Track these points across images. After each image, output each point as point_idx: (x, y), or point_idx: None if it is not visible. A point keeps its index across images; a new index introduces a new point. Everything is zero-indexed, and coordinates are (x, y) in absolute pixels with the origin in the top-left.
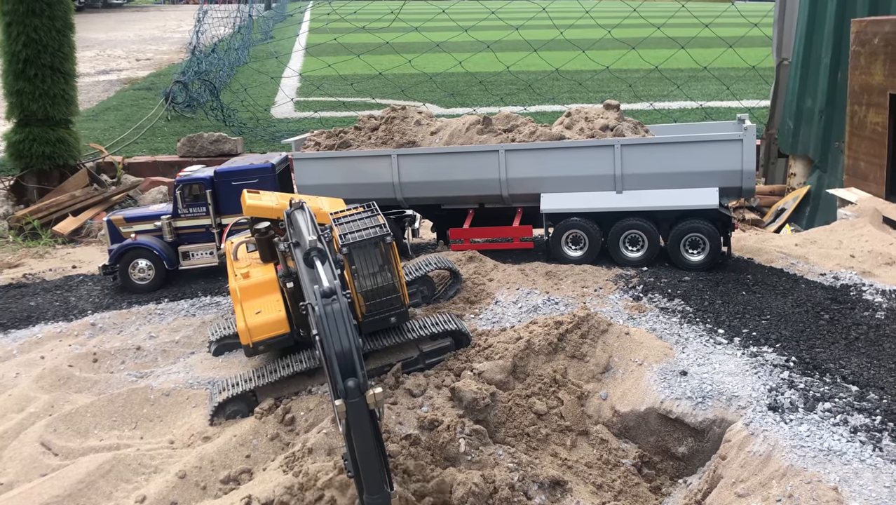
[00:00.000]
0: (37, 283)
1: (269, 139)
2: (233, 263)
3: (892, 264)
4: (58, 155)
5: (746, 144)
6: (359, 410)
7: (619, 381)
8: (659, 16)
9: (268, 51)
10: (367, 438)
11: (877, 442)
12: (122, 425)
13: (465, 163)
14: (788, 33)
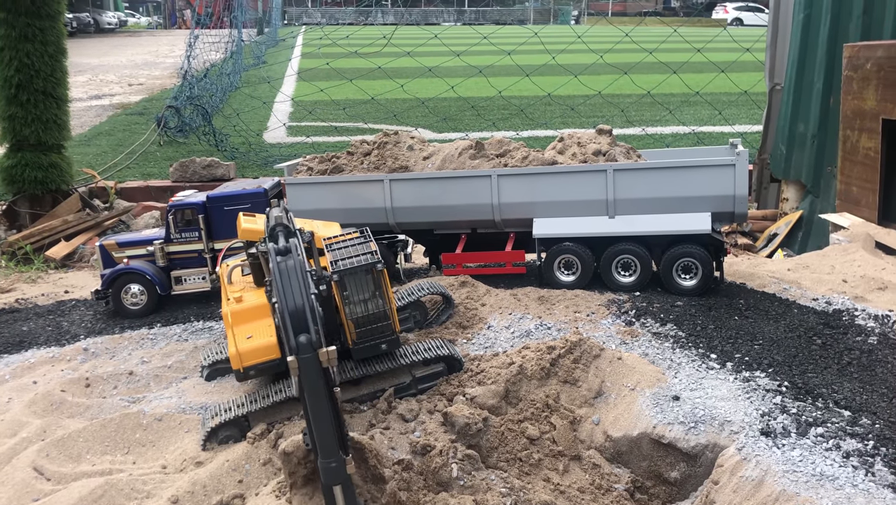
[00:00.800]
0: (29, 307)
1: (262, 164)
2: (226, 286)
3: (885, 289)
4: (50, 180)
5: (739, 169)
6: (310, 365)
7: (611, 406)
8: (651, 41)
9: (260, 75)
10: (320, 397)
11: (869, 467)
12: (115, 450)
13: (457, 188)
14: (781, 58)
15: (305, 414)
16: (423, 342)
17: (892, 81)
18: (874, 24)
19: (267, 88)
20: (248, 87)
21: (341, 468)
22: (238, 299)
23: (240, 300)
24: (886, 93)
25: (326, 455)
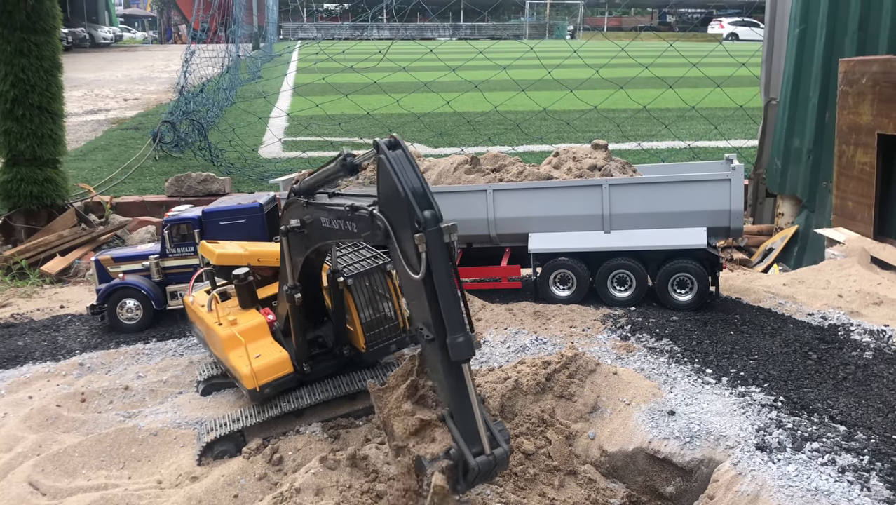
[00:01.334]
0: (24, 322)
1: (258, 179)
2: (205, 313)
3: (880, 304)
4: (46, 195)
5: (734, 184)
6: (437, 238)
7: (607, 420)
8: (647, 55)
9: (255, 90)
10: (448, 269)
11: (865, 482)
12: (110, 465)
13: (452, 202)
14: (776, 73)
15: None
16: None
17: (887, 96)
18: (869, 39)
19: (262, 103)
20: (244, 102)
21: (469, 343)
22: (233, 322)
23: (235, 322)
24: (882, 108)
25: (455, 330)
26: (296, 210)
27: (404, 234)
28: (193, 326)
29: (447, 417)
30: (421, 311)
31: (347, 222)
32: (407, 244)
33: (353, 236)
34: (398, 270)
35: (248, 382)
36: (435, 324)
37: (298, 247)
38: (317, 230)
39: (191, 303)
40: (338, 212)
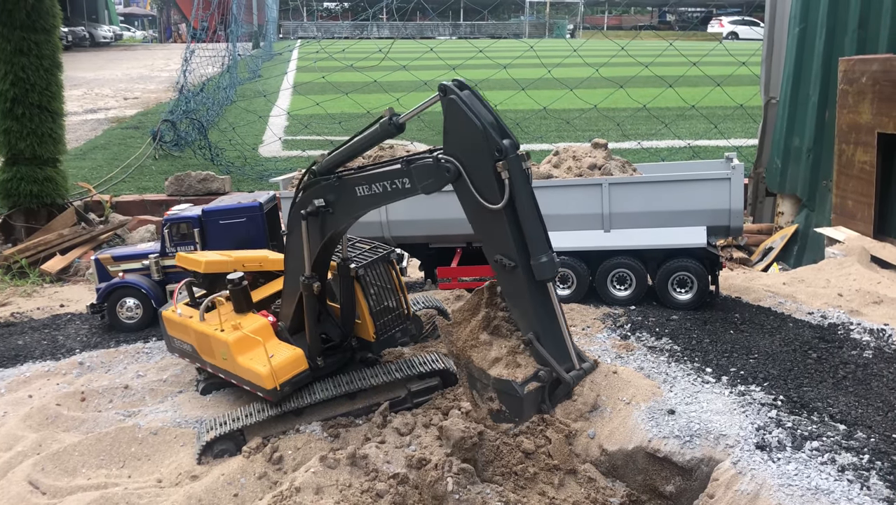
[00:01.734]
0: (24, 321)
1: (257, 178)
2: (218, 317)
3: (880, 303)
4: (45, 194)
5: (734, 183)
6: (518, 164)
7: (606, 419)
8: (647, 54)
9: (255, 89)
10: (530, 193)
11: (864, 481)
12: (110, 464)
13: (452, 201)
14: (776, 72)
15: (511, 221)
16: (419, 356)
17: (887, 95)
18: (869, 38)
19: (262, 102)
20: (244, 101)
21: (553, 262)
22: (236, 326)
23: (239, 326)
24: (882, 107)
25: (539, 251)
26: (320, 190)
27: (482, 167)
28: (174, 340)
29: (533, 340)
30: (500, 241)
31: (398, 180)
32: (484, 177)
33: (403, 194)
34: (471, 208)
35: (268, 381)
36: (517, 250)
37: (318, 231)
38: (347, 206)
39: (177, 315)
40: (386, 173)
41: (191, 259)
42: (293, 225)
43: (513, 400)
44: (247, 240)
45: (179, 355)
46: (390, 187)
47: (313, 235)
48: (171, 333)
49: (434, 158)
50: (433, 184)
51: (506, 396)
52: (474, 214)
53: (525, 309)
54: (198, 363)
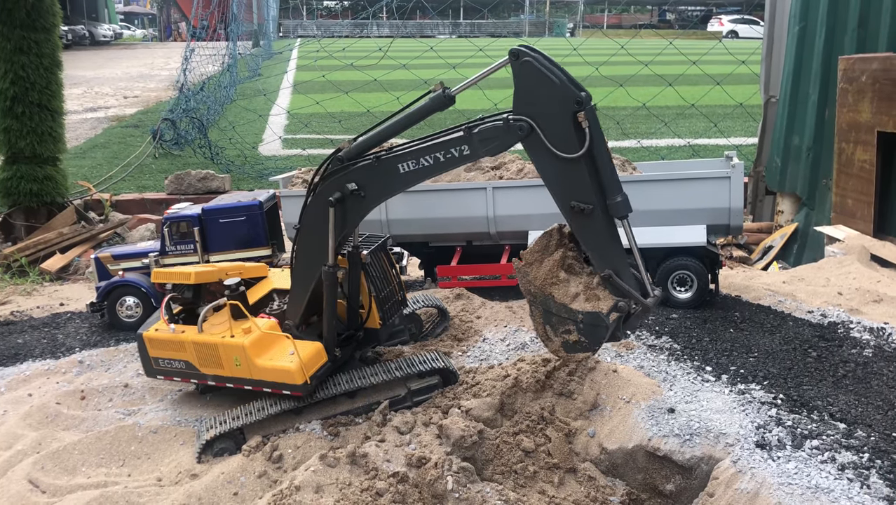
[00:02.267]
0: (24, 320)
1: (257, 177)
2: (230, 324)
3: (880, 302)
4: (45, 192)
5: (734, 182)
6: (594, 113)
7: (606, 418)
8: (646, 53)
9: (255, 88)
10: (604, 140)
11: (864, 479)
12: (110, 463)
13: (452, 200)
14: (776, 71)
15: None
16: (419, 355)
17: (887, 94)
18: (869, 36)
19: (262, 101)
20: (244, 100)
21: (627, 200)
22: (247, 330)
23: (250, 330)
24: (881, 105)
25: (615, 192)
26: (354, 173)
27: (558, 120)
28: (158, 361)
29: (612, 275)
30: (577, 187)
31: (455, 148)
32: (561, 129)
33: (458, 162)
34: (545, 161)
35: (299, 376)
36: (595, 192)
37: (343, 218)
38: (384, 186)
39: (168, 332)
40: (441, 143)
41: (175, 273)
42: (311, 216)
43: (596, 330)
44: (247, 238)
45: (165, 377)
46: (444, 157)
47: (339, 222)
48: (154, 354)
49: (504, 120)
50: (499, 145)
51: (590, 326)
52: (548, 167)
53: (602, 247)
54: (194, 379)
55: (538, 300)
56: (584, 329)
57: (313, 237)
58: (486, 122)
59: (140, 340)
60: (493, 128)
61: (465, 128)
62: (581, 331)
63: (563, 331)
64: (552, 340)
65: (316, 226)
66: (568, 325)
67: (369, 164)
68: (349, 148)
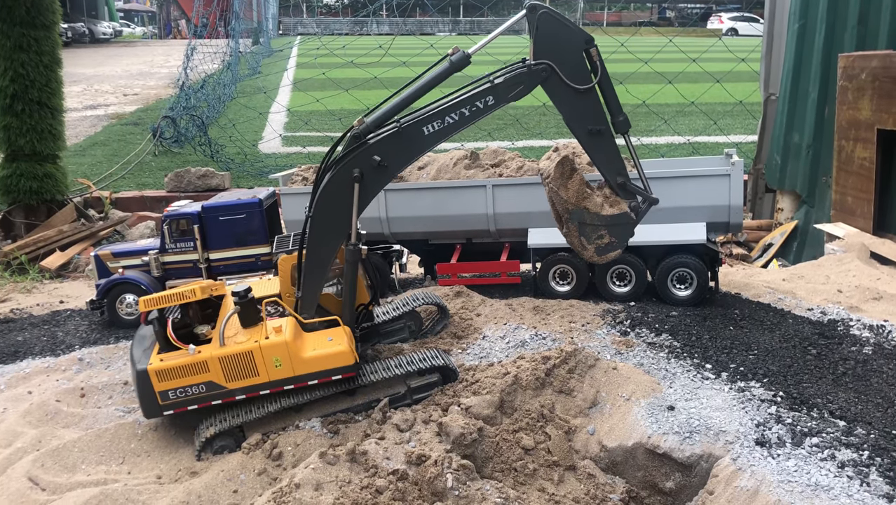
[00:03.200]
0: (24, 318)
1: (257, 174)
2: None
3: (880, 299)
4: (45, 190)
5: (734, 179)
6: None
7: (606, 416)
8: (647, 50)
9: (255, 86)
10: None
11: (864, 477)
12: (110, 460)
13: (452, 198)
14: (776, 68)
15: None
16: (418, 352)
17: (886, 91)
18: (869, 34)
19: (262, 99)
20: (244, 98)
21: (627, 119)
22: (278, 329)
23: (279, 329)
24: (881, 103)
25: (619, 111)
26: (376, 146)
27: (573, 58)
28: (167, 395)
29: (626, 182)
30: (591, 114)
31: (481, 100)
32: (576, 66)
33: (483, 113)
34: (564, 97)
35: (350, 357)
36: (608, 112)
37: (364, 192)
38: (408, 151)
39: (188, 354)
40: (466, 98)
41: (178, 294)
42: (330, 195)
43: (624, 228)
44: (246, 236)
45: (175, 410)
46: (469, 111)
47: (363, 198)
48: (162, 388)
49: (527, 67)
50: (524, 90)
51: (617, 227)
52: (567, 101)
53: (613, 160)
54: (216, 400)
55: (574, 216)
56: (613, 230)
57: (331, 218)
58: (509, 72)
59: (143, 377)
60: (518, 75)
61: (490, 79)
62: (612, 233)
63: (597, 237)
64: (587, 248)
65: (335, 205)
66: (600, 230)
67: (393, 133)
68: (366, 123)
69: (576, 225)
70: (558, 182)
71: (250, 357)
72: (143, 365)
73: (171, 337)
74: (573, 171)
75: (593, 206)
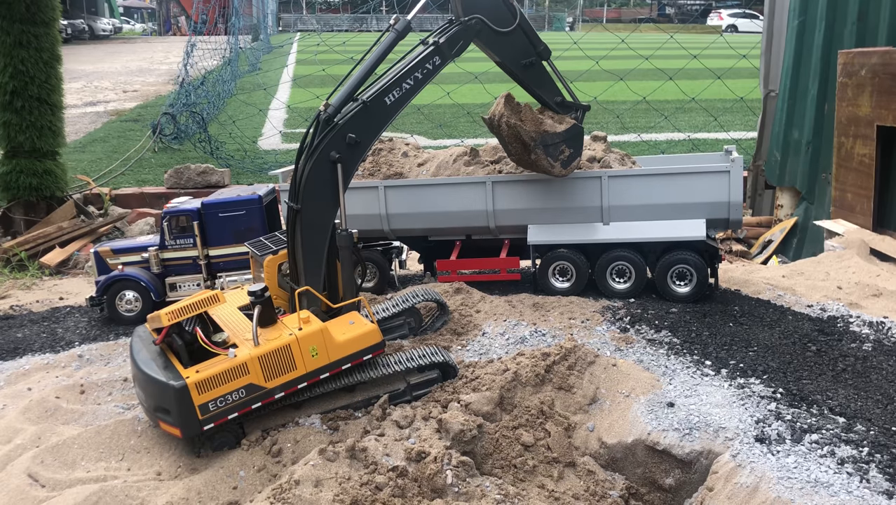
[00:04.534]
0: (24, 314)
1: (257, 171)
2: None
3: (879, 296)
4: (45, 187)
5: (733, 176)
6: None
7: (606, 412)
8: (647, 47)
9: (255, 82)
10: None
11: (864, 474)
12: (110, 457)
13: (452, 194)
14: (776, 65)
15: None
16: (418, 349)
17: (886, 88)
18: (869, 30)
19: (262, 95)
20: (244, 94)
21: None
22: (306, 319)
23: (308, 319)
24: (881, 99)
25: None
26: (348, 124)
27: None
28: (209, 406)
29: (562, 98)
30: (521, 49)
31: (429, 62)
32: (500, 12)
33: (434, 73)
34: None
35: (378, 334)
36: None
37: (344, 172)
38: (375, 124)
39: (228, 359)
40: (416, 64)
41: (201, 300)
42: (315, 182)
43: (577, 138)
44: (246, 232)
45: (216, 422)
46: (422, 73)
47: (344, 179)
48: (202, 401)
49: (460, 23)
50: (463, 45)
51: (573, 138)
52: (500, 45)
53: (547, 84)
54: (256, 403)
55: (539, 141)
56: (570, 143)
57: (319, 204)
58: (446, 32)
59: (182, 393)
60: (455, 33)
61: (432, 42)
62: (570, 145)
63: (559, 153)
64: (554, 166)
65: (321, 191)
66: (560, 146)
67: (359, 109)
68: (332, 105)
69: (542, 149)
70: (514, 117)
71: (288, 351)
72: (178, 382)
73: (206, 344)
74: (518, 105)
75: (549, 127)
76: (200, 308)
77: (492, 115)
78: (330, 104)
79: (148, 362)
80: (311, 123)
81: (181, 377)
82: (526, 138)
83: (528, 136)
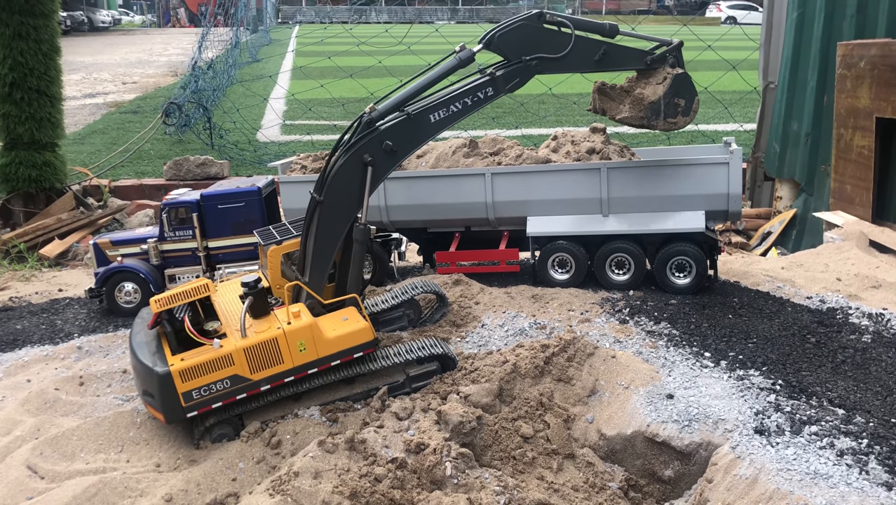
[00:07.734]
0: (23, 306)
1: (256, 163)
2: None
3: (879, 287)
4: (44, 178)
5: (733, 168)
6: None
7: (605, 404)
8: None
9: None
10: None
11: (863, 465)
12: (109, 448)
13: (451, 186)
14: (775, 56)
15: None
16: (417, 341)
17: (885, 80)
18: (868, 22)
19: (261, 87)
20: (243, 86)
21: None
22: (296, 313)
23: (298, 313)
24: (880, 91)
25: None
26: (387, 132)
27: (545, 34)
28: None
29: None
30: (587, 53)
31: (481, 91)
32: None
33: (483, 103)
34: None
35: (370, 332)
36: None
37: (375, 175)
38: (415, 137)
39: (212, 349)
40: (468, 90)
41: (192, 288)
42: (344, 177)
43: (682, 84)
44: (245, 224)
45: (200, 410)
46: (471, 101)
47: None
48: (186, 389)
49: (522, 61)
50: (519, 82)
51: (680, 86)
52: (566, 63)
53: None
54: (241, 395)
55: (649, 117)
56: (681, 92)
57: (343, 201)
58: (506, 67)
59: (165, 379)
60: (515, 70)
61: (488, 73)
62: (681, 94)
63: (675, 109)
64: (677, 121)
65: (347, 189)
66: (672, 101)
67: (402, 120)
68: (378, 110)
69: (657, 118)
70: (612, 108)
71: (275, 344)
72: (163, 368)
73: (192, 333)
74: (611, 89)
75: (651, 95)
76: (190, 297)
77: (592, 108)
78: (376, 108)
79: (141, 346)
80: (353, 122)
81: (166, 364)
82: (634, 123)
83: (637, 120)
